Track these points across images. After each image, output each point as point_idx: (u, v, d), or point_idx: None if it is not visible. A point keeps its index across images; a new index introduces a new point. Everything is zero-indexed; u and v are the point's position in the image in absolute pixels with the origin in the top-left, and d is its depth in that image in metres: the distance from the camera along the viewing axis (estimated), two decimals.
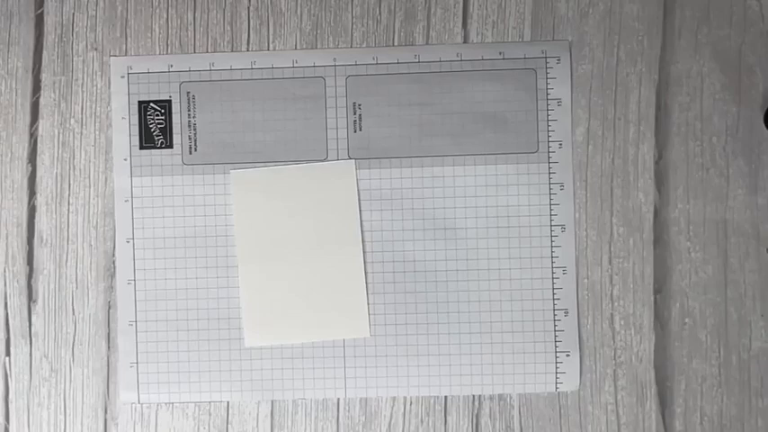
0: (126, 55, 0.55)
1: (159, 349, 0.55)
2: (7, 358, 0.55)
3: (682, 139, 0.55)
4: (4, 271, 0.55)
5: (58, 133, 0.55)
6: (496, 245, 0.54)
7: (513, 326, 0.54)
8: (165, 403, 0.55)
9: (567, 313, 0.54)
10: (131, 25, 0.56)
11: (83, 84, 0.55)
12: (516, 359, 0.54)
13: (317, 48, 0.55)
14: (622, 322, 0.55)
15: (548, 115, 0.55)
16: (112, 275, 0.55)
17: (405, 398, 0.55)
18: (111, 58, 0.55)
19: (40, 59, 0.55)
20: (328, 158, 0.55)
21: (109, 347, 0.55)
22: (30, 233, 0.55)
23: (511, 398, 0.54)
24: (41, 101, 0.55)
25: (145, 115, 0.55)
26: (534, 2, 0.55)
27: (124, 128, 0.55)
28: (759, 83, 0.55)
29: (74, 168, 0.55)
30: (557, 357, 0.54)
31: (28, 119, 0.55)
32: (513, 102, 0.55)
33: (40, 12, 0.56)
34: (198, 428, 0.55)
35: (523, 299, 0.54)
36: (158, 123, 0.55)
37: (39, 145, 0.55)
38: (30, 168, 0.55)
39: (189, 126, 0.55)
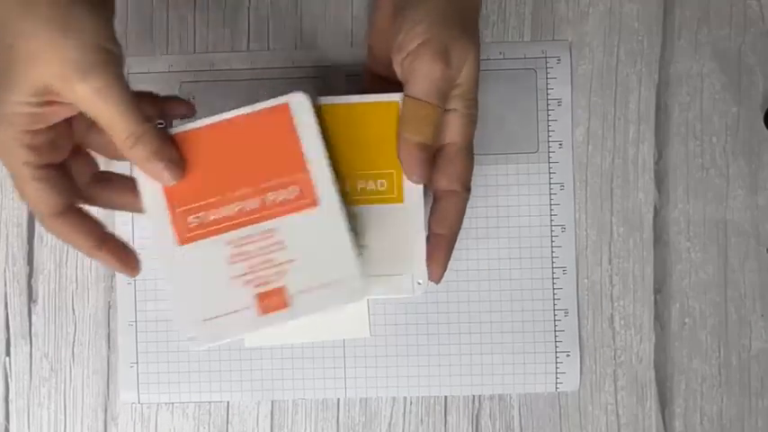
0: (126, 55, 0.55)
1: (159, 349, 0.55)
2: (7, 358, 0.55)
3: (682, 139, 0.55)
4: (4, 271, 0.55)
5: None
6: (496, 245, 0.54)
7: (513, 326, 0.54)
8: (165, 403, 0.55)
9: (567, 313, 0.54)
10: (131, 25, 0.55)
11: None
12: (516, 359, 0.54)
13: (316, 48, 0.55)
14: (622, 322, 0.55)
15: (548, 115, 0.55)
16: (112, 275, 0.55)
17: (405, 398, 0.55)
18: None
19: None
20: None
21: (109, 347, 0.55)
22: (30, 233, 0.55)
23: (511, 398, 0.54)
24: None
25: None
26: (534, 2, 0.55)
27: None
28: (759, 83, 0.55)
29: None
30: (557, 357, 0.54)
31: None
32: (513, 102, 0.55)
33: None
34: (198, 428, 0.55)
35: (523, 299, 0.54)
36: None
37: None
38: None
39: None
